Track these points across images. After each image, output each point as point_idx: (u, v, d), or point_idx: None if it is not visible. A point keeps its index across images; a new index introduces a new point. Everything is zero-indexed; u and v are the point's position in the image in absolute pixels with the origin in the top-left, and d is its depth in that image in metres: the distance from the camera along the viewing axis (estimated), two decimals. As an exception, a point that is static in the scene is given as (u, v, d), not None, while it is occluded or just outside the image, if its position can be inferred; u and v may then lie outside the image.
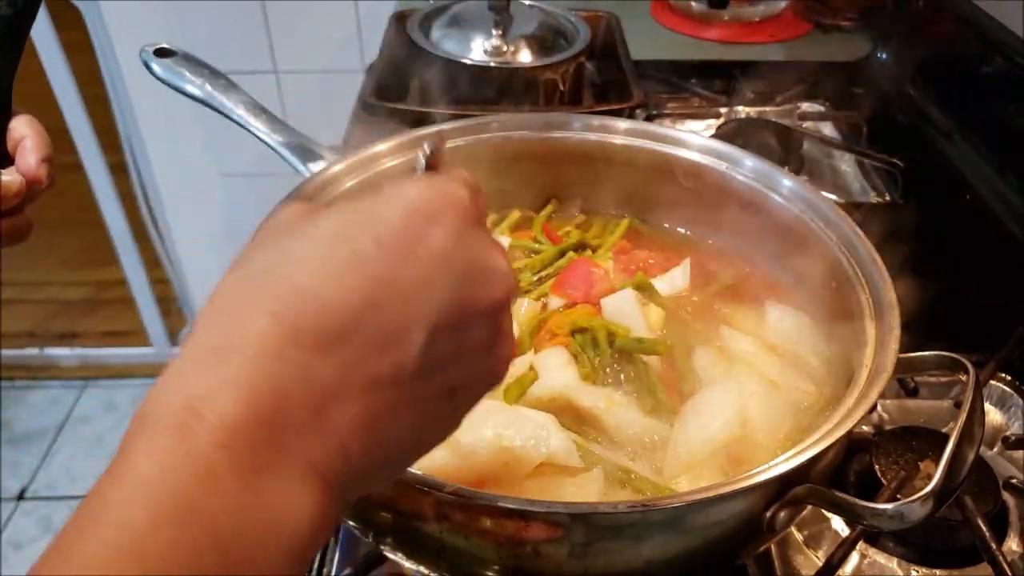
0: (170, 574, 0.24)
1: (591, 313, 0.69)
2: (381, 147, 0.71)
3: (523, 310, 0.71)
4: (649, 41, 1.43)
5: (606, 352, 0.65)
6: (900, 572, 0.64)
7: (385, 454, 0.31)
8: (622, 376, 0.65)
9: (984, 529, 0.62)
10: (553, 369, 0.64)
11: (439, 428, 0.35)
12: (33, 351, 2.36)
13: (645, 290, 0.72)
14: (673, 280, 0.75)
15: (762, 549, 0.61)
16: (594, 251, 0.78)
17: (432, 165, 0.35)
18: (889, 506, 0.46)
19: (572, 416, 0.61)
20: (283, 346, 0.27)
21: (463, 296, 0.31)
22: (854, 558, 0.65)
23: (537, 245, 0.79)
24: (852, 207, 1.03)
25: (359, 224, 0.31)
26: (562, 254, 0.77)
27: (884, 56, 1.29)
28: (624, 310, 0.69)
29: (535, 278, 0.75)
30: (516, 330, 0.68)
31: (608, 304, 0.70)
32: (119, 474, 0.26)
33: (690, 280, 0.75)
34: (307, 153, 0.70)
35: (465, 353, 0.32)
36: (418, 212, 0.31)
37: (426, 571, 0.54)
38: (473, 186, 0.34)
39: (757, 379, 0.64)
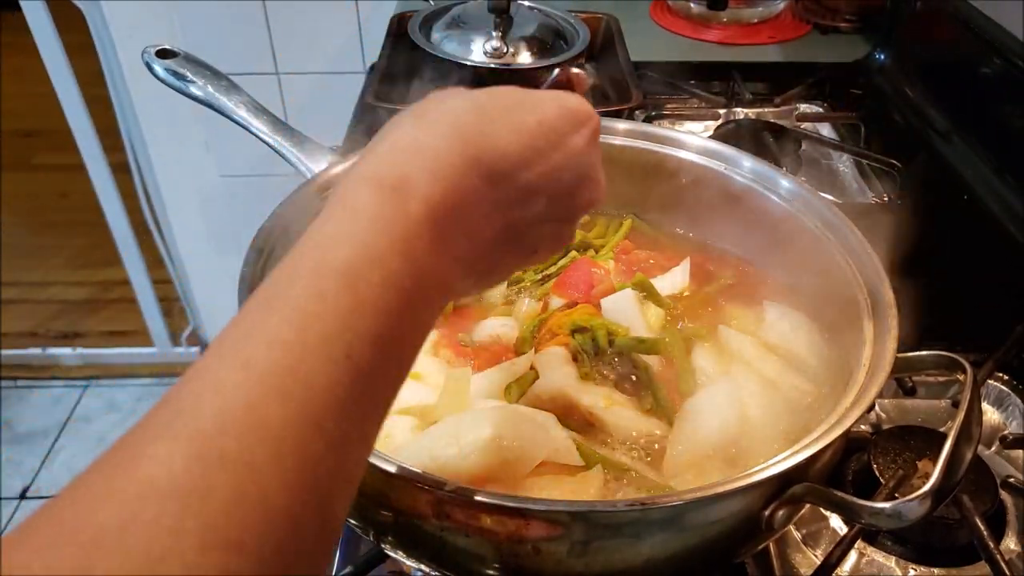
0: (365, 299, 0.31)
1: (591, 313, 0.69)
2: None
3: (524, 310, 0.72)
4: (648, 42, 1.43)
5: (606, 352, 0.65)
6: (898, 571, 0.64)
7: (491, 276, 0.44)
8: (622, 376, 0.65)
9: (982, 528, 0.63)
10: (553, 368, 0.64)
11: (515, 261, 0.45)
12: (35, 351, 2.37)
13: (645, 290, 0.72)
14: (672, 280, 0.75)
15: (761, 548, 0.61)
16: (597, 251, 0.79)
17: (568, 85, 0.42)
18: (887, 505, 0.46)
19: (572, 415, 0.62)
20: (467, 167, 0.36)
21: (575, 189, 0.42)
22: (852, 556, 0.65)
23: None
24: (850, 208, 1.03)
25: (529, 103, 0.40)
26: (565, 253, 0.77)
27: (882, 57, 1.29)
28: (624, 310, 0.69)
29: (538, 277, 0.76)
30: (516, 329, 0.69)
31: (608, 304, 0.70)
32: (331, 217, 0.34)
33: (689, 280, 0.75)
34: (308, 154, 0.70)
35: (551, 224, 0.43)
36: (571, 113, 0.41)
37: (427, 569, 0.55)
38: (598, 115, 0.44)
39: (756, 378, 0.65)
